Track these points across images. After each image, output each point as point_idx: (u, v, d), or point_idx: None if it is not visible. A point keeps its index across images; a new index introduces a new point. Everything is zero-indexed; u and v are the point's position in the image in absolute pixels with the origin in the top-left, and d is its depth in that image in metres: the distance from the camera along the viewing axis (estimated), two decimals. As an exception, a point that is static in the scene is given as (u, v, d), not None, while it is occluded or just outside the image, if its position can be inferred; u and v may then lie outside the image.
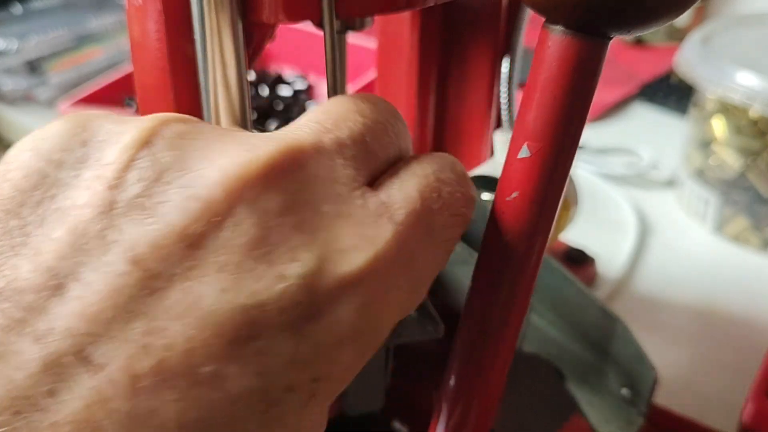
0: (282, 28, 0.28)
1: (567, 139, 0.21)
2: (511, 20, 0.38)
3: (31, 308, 0.15)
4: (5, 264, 0.15)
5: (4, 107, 0.77)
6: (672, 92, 0.80)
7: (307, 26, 0.26)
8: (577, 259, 0.54)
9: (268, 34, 0.27)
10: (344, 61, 0.27)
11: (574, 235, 0.54)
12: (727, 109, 0.59)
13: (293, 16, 0.25)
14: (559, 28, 0.20)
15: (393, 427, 0.37)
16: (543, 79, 0.20)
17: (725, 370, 0.49)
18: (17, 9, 0.89)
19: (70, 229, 0.16)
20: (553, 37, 0.20)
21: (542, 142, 0.21)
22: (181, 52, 0.27)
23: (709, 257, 0.60)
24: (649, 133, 0.76)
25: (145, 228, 0.16)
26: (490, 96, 0.40)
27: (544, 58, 0.20)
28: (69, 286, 0.15)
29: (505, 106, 0.39)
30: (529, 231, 0.22)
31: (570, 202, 0.40)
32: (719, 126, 0.60)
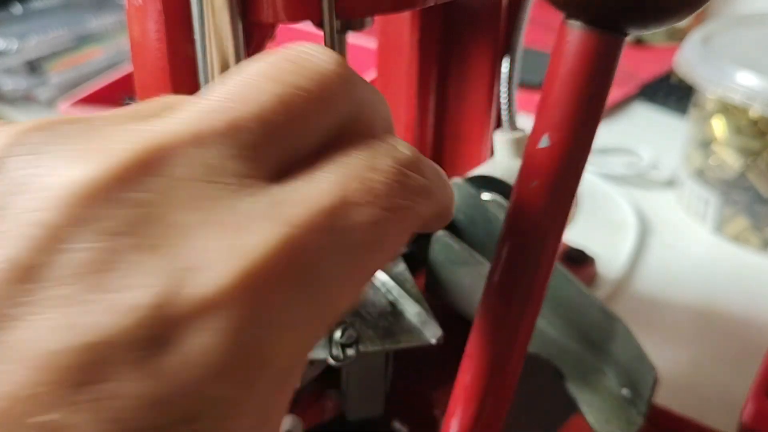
0: (282, 28, 0.28)
1: (585, 130, 0.22)
2: (511, 20, 0.38)
3: None
4: None
5: (4, 107, 0.77)
6: (672, 92, 0.80)
7: (308, 26, 0.26)
8: (577, 259, 0.54)
9: (268, 34, 0.27)
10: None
11: (574, 235, 0.54)
12: (727, 109, 0.59)
13: (293, 16, 0.25)
14: (578, 24, 0.21)
15: (393, 427, 0.37)
16: (562, 73, 0.21)
17: (725, 370, 0.49)
18: (17, 9, 0.89)
19: None
20: (573, 32, 0.21)
21: (561, 133, 0.22)
22: (181, 52, 0.27)
23: (709, 257, 0.60)
24: (649, 133, 0.76)
25: None
26: (490, 96, 0.40)
27: (563, 52, 0.21)
28: None
29: (505, 106, 0.39)
30: (549, 217, 0.23)
31: (570, 202, 0.40)
32: (719, 126, 0.60)
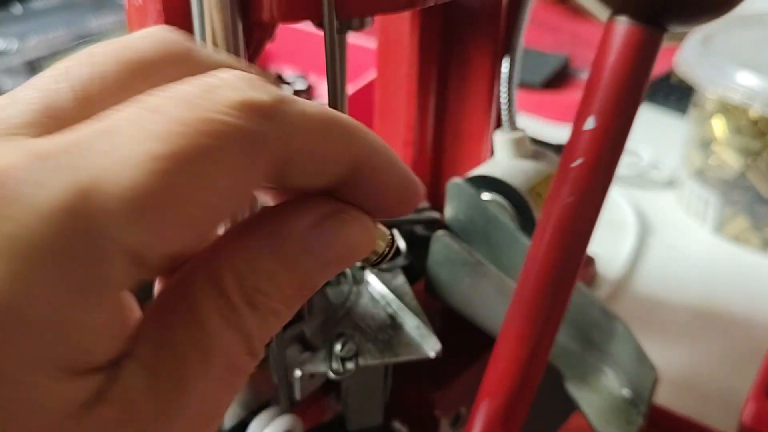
0: (282, 28, 0.28)
1: (628, 113, 0.25)
2: (511, 20, 0.38)
3: None
4: None
5: (4, 107, 0.77)
6: (672, 92, 0.80)
7: (308, 26, 0.26)
8: (577, 259, 0.53)
9: (269, 33, 0.27)
10: (344, 60, 0.27)
11: (574, 235, 0.54)
12: (727, 109, 0.59)
13: (293, 16, 0.25)
14: (624, 19, 0.24)
15: (393, 427, 0.37)
16: (608, 62, 0.24)
17: (725, 370, 0.49)
18: (17, 9, 0.89)
19: None
20: (619, 27, 0.24)
21: (607, 116, 0.24)
22: (182, 52, 0.27)
23: (709, 257, 0.60)
24: (650, 133, 0.76)
25: None
26: (490, 96, 0.40)
27: (610, 43, 0.24)
28: None
29: (505, 106, 0.39)
30: (591, 193, 0.25)
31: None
32: (719, 126, 0.60)
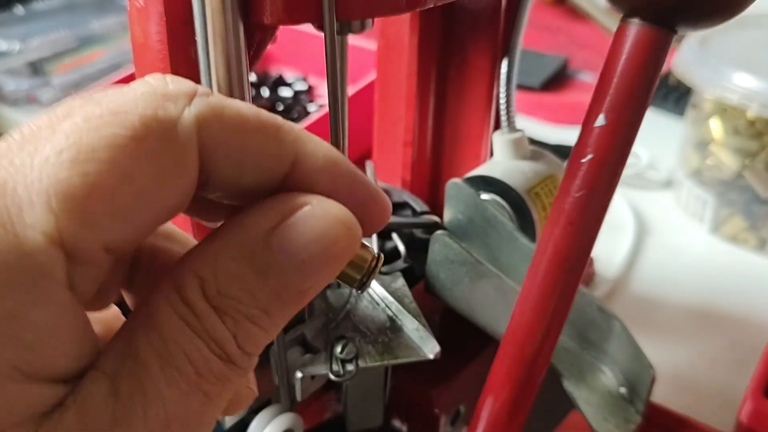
0: (283, 30, 0.28)
1: (637, 111, 0.25)
2: (510, 22, 0.38)
3: None
4: None
5: (6, 108, 0.77)
6: (670, 93, 0.80)
7: (308, 28, 0.26)
8: (576, 259, 0.54)
9: (270, 35, 0.27)
10: (345, 62, 0.27)
11: (573, 235, 0.55)
12: (725, 110, 0.60)
13: (294, 18, 0.25)
14: (636, 21, 0.25)
15: (393, 427, 0.37)
16: (620, 62, 0.25)
17: (723, 369, 0.49)
18: (19, 10, 0.89)
19: None
20: (631, 28, 0.25)
21: (617, 113, 0.25)
22: (183, 54, 0.27)
23: (706, 257, 0.61)
24: (647, 134, 0.76)
25: None
26: (490, 96, 0.40)
27: (622, 43, 0.25)
28: None
29: (503, 107, 0.39)
30: (601, 187, 0.26)
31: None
32: (717, 127, 0.61)
